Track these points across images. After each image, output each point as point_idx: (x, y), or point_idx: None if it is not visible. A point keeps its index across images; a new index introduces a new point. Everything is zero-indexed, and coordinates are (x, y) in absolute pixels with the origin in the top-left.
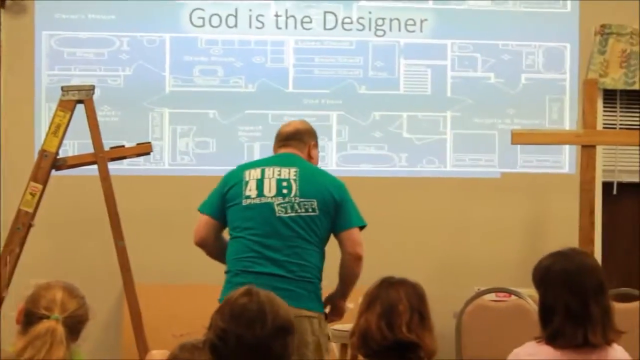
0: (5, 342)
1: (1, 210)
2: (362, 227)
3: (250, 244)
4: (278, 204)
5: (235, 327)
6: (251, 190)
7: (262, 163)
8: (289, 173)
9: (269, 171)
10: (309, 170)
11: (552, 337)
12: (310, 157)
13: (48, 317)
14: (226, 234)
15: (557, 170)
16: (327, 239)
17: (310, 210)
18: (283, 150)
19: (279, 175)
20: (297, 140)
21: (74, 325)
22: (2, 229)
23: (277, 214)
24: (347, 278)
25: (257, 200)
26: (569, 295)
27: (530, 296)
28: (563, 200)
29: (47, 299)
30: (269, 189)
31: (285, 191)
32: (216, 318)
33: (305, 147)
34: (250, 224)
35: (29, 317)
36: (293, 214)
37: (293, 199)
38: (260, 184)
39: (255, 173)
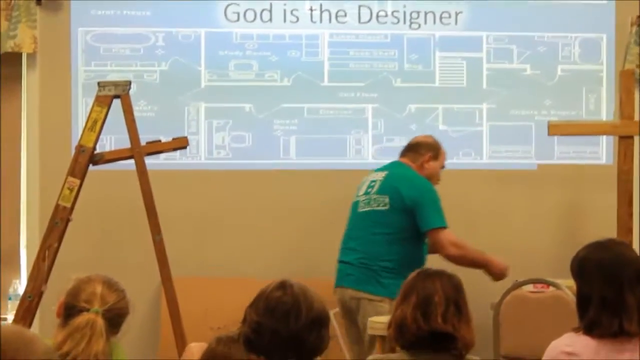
0: (45, 336)
1: (40, 205)
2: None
3: (345, 237)
4: (361, 201)
5: (270, 320)
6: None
7: (375, 170)
8: (380, 176)
9: (371, 175)
10: (396, 174)
11: (589, 327)
12: (422, 167)
13: (88, 310)
14: None
15: (595, 161)
16: (405, 231)
17: (382, 205)
18: (399, 159)
19: (374, 178)
20: (412, 152)
21: (114, 319)
22: (40, 224)
23: (359, 210)
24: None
25: (355, 199)
26: (604, 286)
27: (568, 287)
28: (601, 191)
29: (87, 292)
30: (362, 190)
31: (369, 190)
32: (250, 311)
33: (420, 158)
34: (349, 219)
35: (69, 310)
36: (368, 209)
37: (372, 196)
38: (361, 186)
39: (366, 178)
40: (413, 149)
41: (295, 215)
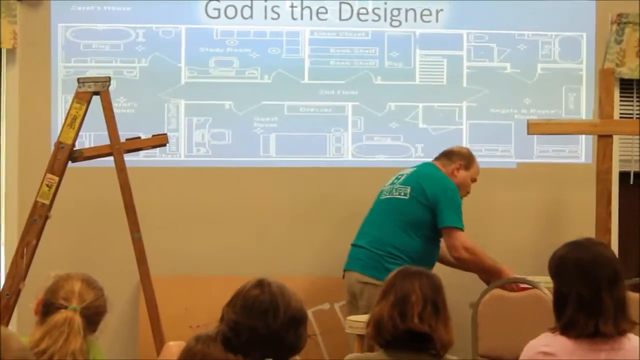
0: (23, 334)
1: (18, 202)
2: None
3: (363, 222)
4: (385, 190)
5: (248, 318)
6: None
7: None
8: (408, 171)
9: (401, 172)
10: (423, 172)
11: (565, 327)
12: (452, 174)
13: (66, 307)
14: None
15: (574, 160)
16: (421, 225)
17: (402, 194)
18: (431, 162)
19: (402, 172)
20: (445, 157)
21: (92, 317)
22: (19, 221)
23: (381, 197)
24: (463, 268)
25: (381, 189)
26: (581, 286)
27: (547, 285)
28: (580, 191)
29: (66, 289)
30: (389, 181)
31: (395, 181)
32: (228, 310)
33: (451, 165)
34: (372, 206)
35: (47, 308)
36: (389, 196)
37: (395, 186)
38: (389, 180)
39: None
40: (446, 155)
41: (275, 213)
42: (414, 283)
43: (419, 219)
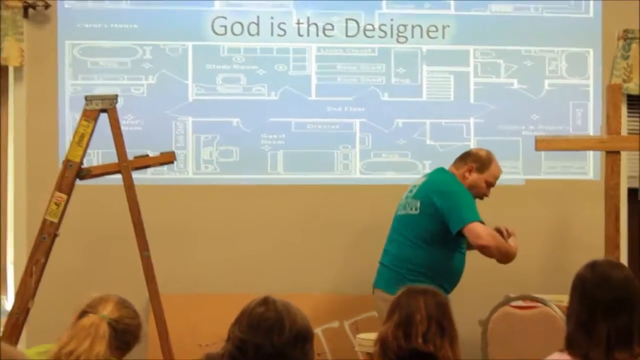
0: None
1: (27, 220)
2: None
3: (386, 239)
4: (401, 205)
5: (254, 336)
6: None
7: (423, 176)
8: (421, 181)
9: (417, 181)
10: (432, 180)
11: (567, 344)
12: (464, 177)
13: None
14: None
15: (582, 176)
16: (435, 236)
17: (413, 209)
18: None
19: (416, 183)
20: (460, 160)
21: (121, 333)
22: (27, 239)
23: (398, 213)
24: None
25: (399, 203)
26: (580, 306)
27: (556, 302)
28: (588, 207)
29: (100, 302)
30: (405, 194)
31: (409, 194)
32: (234, 329)
33: (464, 167)
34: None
35: (80, 316)
36: (404, 212)
37: (409, 200)
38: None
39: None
40: (462, 157)
41: (283, 230)
42: (419, 302)
43: (432, 231)
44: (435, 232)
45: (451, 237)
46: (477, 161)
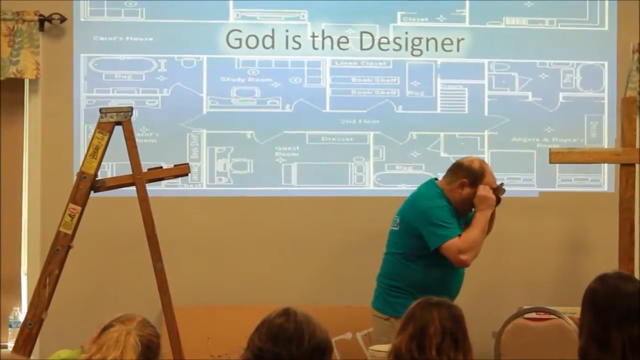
0: None
1: (41, 232)
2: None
3: None
4: (393, 220)
5: (273, 346)
6: None
7: None
8: (408, 195)
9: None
10: (413, 195)
11: (581, 356)
12: (457, 193)
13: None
14: None
15: (596, 189)
16: (414, 252)
17: (395, 225)
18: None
19: (407, 197)
20: (451, 172)
21: (145, 348)
22: (41, 251)
23: (390, 228)
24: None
25: None
26: (593, 319)
27: (570, 315)
28: (602, 219)
29: (127, 319)
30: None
31: (399, 209)
32: (253, 337)
33: (456, 182)
34: None
35: (105, 329)
36: (391, 228)
37: (395, 216)
38: None
39: None
40: (453, 170)
41: (296, 242)
42: (433, 314)
43: (411, 246)
44: (415, 247)
45: (431, 253)
46: (469, 175)
